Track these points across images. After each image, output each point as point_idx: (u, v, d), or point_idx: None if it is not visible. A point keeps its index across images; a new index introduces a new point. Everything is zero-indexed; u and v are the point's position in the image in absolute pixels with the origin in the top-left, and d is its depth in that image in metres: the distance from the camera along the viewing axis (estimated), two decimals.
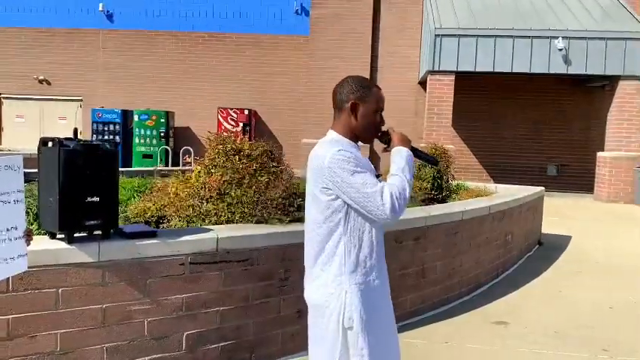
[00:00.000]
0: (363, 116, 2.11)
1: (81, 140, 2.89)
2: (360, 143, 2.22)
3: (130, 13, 15.47)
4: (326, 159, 2.02)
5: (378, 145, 14.77)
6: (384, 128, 2.22)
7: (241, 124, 14.66)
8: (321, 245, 2.10)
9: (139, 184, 4.75)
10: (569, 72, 12.60)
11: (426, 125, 12.93)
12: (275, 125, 15.51)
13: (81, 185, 2.78)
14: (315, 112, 15.03)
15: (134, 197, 4.32)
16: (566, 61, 12.43)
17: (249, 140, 4.27)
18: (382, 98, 2.15)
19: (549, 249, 7.41)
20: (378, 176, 2.09)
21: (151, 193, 4.13)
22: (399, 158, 2.11)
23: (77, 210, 2.78)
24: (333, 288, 2.05)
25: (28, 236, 2.14)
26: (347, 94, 2.13)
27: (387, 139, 2.22)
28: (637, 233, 8.94)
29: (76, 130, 3.16)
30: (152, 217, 3.80)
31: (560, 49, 12.29)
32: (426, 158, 2.32)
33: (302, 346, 3.69)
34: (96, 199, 2.83)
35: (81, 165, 2.77)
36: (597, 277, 6.17)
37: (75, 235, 2.85)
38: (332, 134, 2.17)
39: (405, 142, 2.17)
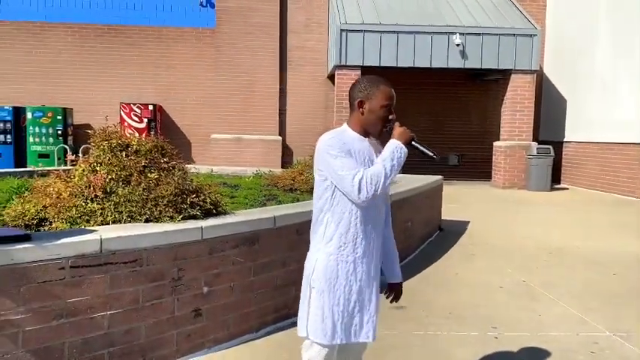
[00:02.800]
0: (370, 112, 2.35)
1: None
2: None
3: (19, 3, 14.37)
4: (320, 144, 2.32)
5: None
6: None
7: (146, 120, 14.10)
8: (315, 217, 2.41)
9: (19, 185, 4.42)
10: (466, 66, 13.26)
11: (336, 119, 13.13)
12: (183, 120, 15.08)
13: None
14: (224, 106, 14.79)
15: (12, 199, 4.01)
16: (464, 55, 13.07)
17: (156, 137, 4.09)
18: (389, 95, 2.37)
19: (449, 234, 7.77)
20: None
21: (31, 194, 3.85)
22: (386, 150, 2.33)
23: None
24: (312, 253, 2.40)
25: None
26: (356, 92, 2.38)
27: (391, 133, 2.42)
28: (529, 217, 9.60)
29: None
30: (32, 219, 3.54)
31: (458, 45, 12.91)
32: (424, 152, 2.43)
33: (199, 346, 3.62)
34: None
35: None
36: (491, 259, 6.55)
37: None
38: (342, 127, 2.43)
39: (402, 136, 2.35)
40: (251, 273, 3.92)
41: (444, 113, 15.58)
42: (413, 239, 6.59)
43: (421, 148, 2.42)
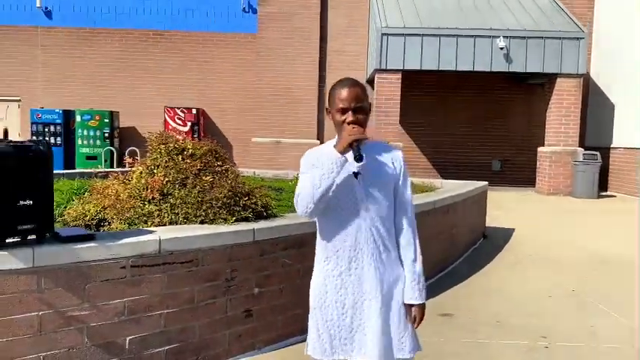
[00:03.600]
0: (333, 119, 2.21)
1: (11, 141, 2.76)
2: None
3: (70, 10, 14.91)
4: None
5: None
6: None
7: (189, 124, 14.40)
8: None
9: (78, 187, 4.59)
10: (510, 70, 13.04)
11: (375, 123, 13.09)
12: (224, 124, 15.32)
13: (12, 188, 2.65)
14: (264, 110, 14.96)
15: (73, 200, 4.16)
16: (507, 59, 12.86)
17: (199, 140, 4.20)
18: (342, 96, 2.15)
19: (493, 241, 7.65)
20: (356, 174, 2.15)
21: (91, 195, 3.99)
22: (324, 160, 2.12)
23: (8, 214, 2.66)
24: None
25: None
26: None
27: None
28: (576, 225, 9.36)
29: (5, 131, 3.02)
30: (92, 220, 3.68)
31: (502, 48, 12.71)
32: (354, 153, 2.10)
33: (249, 346, 3.68)
34: (29, 202, 2.71)
35: (11, 167, 2.64)
36: (538, 266, 6.42)
37: (7, 240, 2.72)
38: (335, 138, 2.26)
39: (340, 142, 2.08)
40: (299, 275, 3.96)
41: (487, 117, 15.34)
42: (458, 246, 6.52)
43: (353, 149, 2.07)
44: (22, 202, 2.70)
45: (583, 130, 14.56)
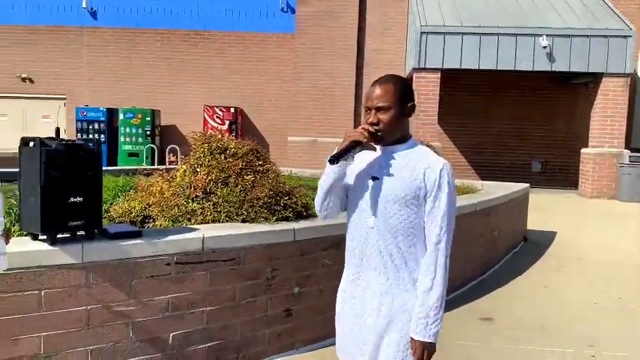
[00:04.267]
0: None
1: (63, 140, 2.85)
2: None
3: (114, 10, 15.30)
4: None
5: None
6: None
7: (227, 122, 14.58)
8: None
9: (123, 184, 4.70)
10: (553, 69, 12.71)
11: (414, 123, 12.97)
12: (261, 123, 15.45)
13: (63, 186, 2.73)
14: (302, 109, 15.01)
15: (118, 197, 4.27)
16: (550, 58, 12.53)
17: (236, 138, 4.25)
18: (367, 95, 2.03)
19: (535, 245, 7.48)
20: (374, 178, 2.00)
21: (136, 192, 4.08)
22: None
23: (60, 211, 2.74)
24: None
25: (7, 235, 2.10)
26: None
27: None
28: (622, 229, 9.05)
29: (57, 130, 3.12)
30: (137, 216, 3.75)
31: (545, 47, 12.39)
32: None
33: (289, 346, 3.69)
34: (79, 199, 2.79)
35: (63, 165, 2.72)
36: (582, 272, 6.23)
37: (58, 236, 2.81)
38: None
39: (340, 144, 1.97)
40: (339, 276, 3.94)
41: (528, 117, 15.00)
42: (498, 249, 6.40)
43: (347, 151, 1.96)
44: (72, 199, 2.78)
45: (629, 132, 14.07)
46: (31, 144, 2.73)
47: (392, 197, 1.96)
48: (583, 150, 13.29)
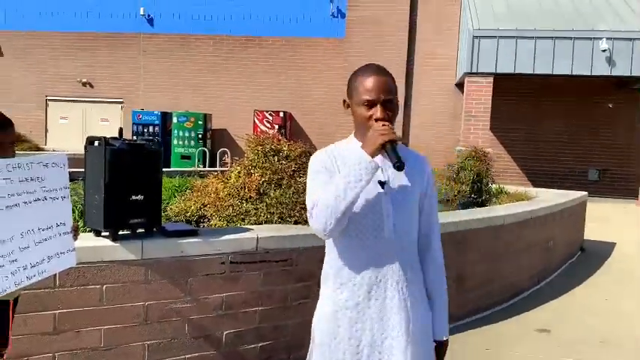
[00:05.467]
0: (354, 113, 1.82)
1: (126, 140, 2.94)
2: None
3: (170, 17, 15.76)
4: None
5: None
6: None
7: (276, 126, 14.74)
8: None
9: (179, 184, 4.82)
10: (613, 74, 12.20)
11: (464, 128, 12.73)
12: (310, 127, 15.54)
13: (126, 184, 2.83)
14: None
15: (174, 197, 4.38)
16: (610, 62, 12.04)
17: (303, 142, 4.29)
18: (369, 87, 1.76)
19: (592, 255, 7.18)
20: (382, 183, 1.79)
21: (191, 192, 4.18)
22: (349, 167, 1.69)
23: (122, 208, 2.83)
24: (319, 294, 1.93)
25: (75, 232, 2.18)
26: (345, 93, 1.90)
27: None
28: None
29: (121, 130, 3.22)
30: (192, 216, 3.84)
31: (604, 51, 11.92)
32: (390, 160, 1.70)
33: None
34: (140, 197, 2.88)
35: (126, 164, 2.82)
36: None
37: (119, 232, 2.90)
38: (349, 136, 1.93)
39: (370, 142, 1.67)
40: None
41: (585, 124, 14.46)
42: (554, 259, 6.18)
43: (390, 154, 1.68)
44: (134, 197, 2.87)
45: None
46: (97, 143, 2.84)
47: (408, 202, 1.80)
48: None
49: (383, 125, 1.69)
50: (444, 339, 1.89)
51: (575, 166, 14.53)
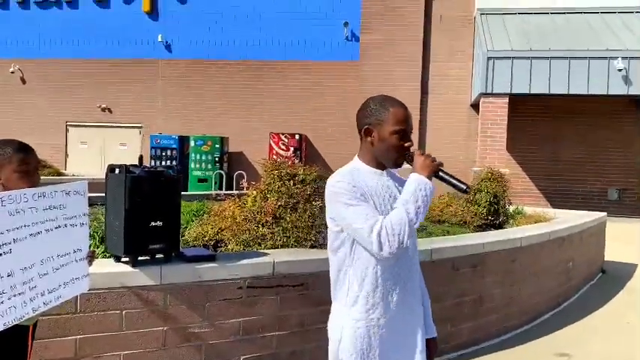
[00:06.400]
0: (380, 140, 1.97)
1: (146, 167, 3.02)
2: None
3: (187, 43, 16.08)
4: (327, 190, 1.96)
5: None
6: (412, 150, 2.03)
7: (292, 149, 14.84)
8: (333, 275, 2.04)
9: (197, 208, 4.88)
10: (629, 92, 12.12)
11: (480, 149, 12.70)
12: (325, 150, 15.61)
13: (145, 210, 2.89)
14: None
15: (192, 221, 4.44)
16: (627, 81, 11.98)
17: (301, 164, 4.34)
18: (402, 118, 1.96)
19: (613, 277, 7.07)
20: None
21: (208, 217, 4.23)
22: (408, 188, 1.89)
23: (142, 234, 2.89)
24: (336, 318, 2.02)
25: (91, 257, 2.23)
26: (362, 118, 2.04)
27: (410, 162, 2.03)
28: None
29: (141, 157, 3.30)
30: (210, 240, 3.89)
31: (620, 70, 11.87)
32: (454, 184, 1.96)
33: None
34: (159, 223, 2.93)
35: (146, 191, 2.88)
36: None
37: (139, 258, 2.95)
38: (353, 161, 2.08)
39: (427, 168, 1.90)
40: None
41: (602, 143, 14.33)
42: (574, 281, 6.10)
43: (449, 179, 1.94)
44: (153, 224, 2.93)
45: None
46: (117, 171, 2.91)
47: None
48: None
49: (428, 154, 1.94)
50: (435, 336, 2.14)
51: (595, 186, 14.36)
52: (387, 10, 15.05)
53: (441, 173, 1.93)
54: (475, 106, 14.30)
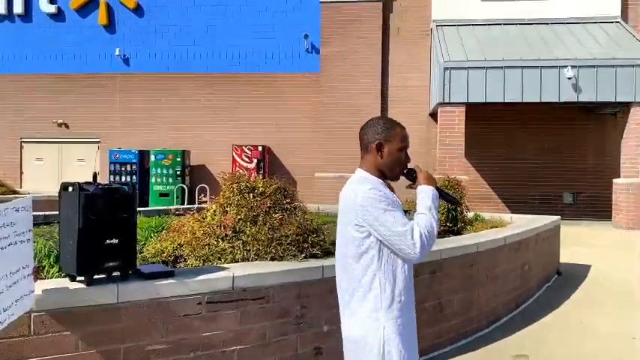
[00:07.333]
0: (388, 155, 2.22)
1: (100, 184, 2.98)
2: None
3: (146, 57, 15.90)
4: (358, 197, 2.11)
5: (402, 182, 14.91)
6: (410, 166, 2.33)
7: (255, 161, 14.82)
8: (357, 281, 2.15)
9: (156, 224, 4.83)
10: (579, 100, 12.62)
11: (439, 157, 12.97)
12: (289, 160, 15.65)
13: (100, 228, 2.84)
14: (328, 146, 15.17)
15: (151, 237, 4.38)
16: (576, 89, 12.47)
17: (264, 176, 4.36)
18: (406, 137, 2.28)
19: (569, 279, 7.30)
20: (405, 212, 2.18)
21: (168, 232, 4.19)
22: (425, 197, 2.19)
23: (96, 253, 2.84)
24: (371, 323, 2.11)
25: (36, 274, 2.20)
26: (372, 134, 2.25)
27: (412, 177, 2.32)
28: None
29: (95, 175, 3.26)
30: (169, 256, 3.85)
31: (570, 78, 12.35)
32: (447, 198, 2.36)
33: None
34: (115, 241, 2.90)
35: (100, 208, 2.84)
36: (619, 307, 6.05)
37: (94, 277, 2.90)
38: (361, 173, 2.26)
39: (431, 180, 2.26)
40: None
41: (557, 149, 14.83)
42: (530, 283, 6.28)
43: (444, 192, 2.33)
44: (108, 241, 2.89)
45: None
46: (70, 189, 2.87)
47: None
48: (615, 180, 13.04)
49: (426, 170, 2.34)
50: None
51: (551, 190, 14.83)
52: (345, 22, 15.25)
53: (439, 187, 2.29)
54: (434, 115, 14.60)
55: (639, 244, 10.39)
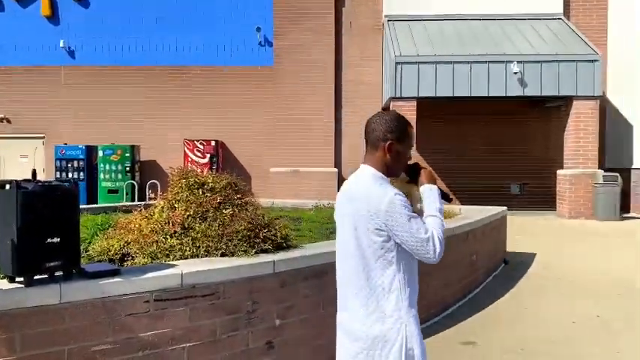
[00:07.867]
0: (398, 154, 2.22)
1: (39, 181, 2.87)
2: None
3: (92, 50, 15.38)
4: (384, 202, 2.09)
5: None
6: (410, 163, 2.36)
7: (208, 156, 14.61)
8: (373, 281, 2.16)
9: (102, 222, 4.70)
10: (525, 94, 13.05)
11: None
12: (243, 155, 15.51)
13: (40, 227, 2.75)
14: (283, 140, 15.14)
15: (97, 235, 4.27)
16: (522, 83, 12.89)
17: (217, 171, 4.31)
18: (414, 136, 2.34)
19: (515, 267, 7.57)
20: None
21: (114, 230, 4.09)
22: (433, 198, 2.23)
23: (36, 252, 2.74)
24: (392, 322, 2.14)
25: None
26: (384, 132, 2.22)
27: (415, 174, 2.33)
28: (599, 249, 9.21)
29: (34, 171, 3.13)
30: (116, 254, 3.76)
31: (516, 73, 12.76)
32: (442, 195, 2.34)
33: None
34: (56, 239, 2.80)
35: (40, 207, 2.74)
36: (561, 293, 6.33)
37: (36, 277, 2.80)
38: (370, 170, 2.24)
39: (433, 179, 2.29)
40: (320, 306, 3.97)
41: (504, 142, 15.30)
42: (478, 273, 6.48)
43: (441, 190, 2.34)
44: (49, 240, 2.79)
45: (602, 152, 14.44)
46: (7, 187, 2.75)
47: None
48: (559, 171, 13.58)
49: (425, 167, 2.35)
50: None
51: (499, 181, 15.28)
52: (298, 15, 15.21)
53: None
54: (386, 109, 14.77)
55: (580, 232, 10.88)
